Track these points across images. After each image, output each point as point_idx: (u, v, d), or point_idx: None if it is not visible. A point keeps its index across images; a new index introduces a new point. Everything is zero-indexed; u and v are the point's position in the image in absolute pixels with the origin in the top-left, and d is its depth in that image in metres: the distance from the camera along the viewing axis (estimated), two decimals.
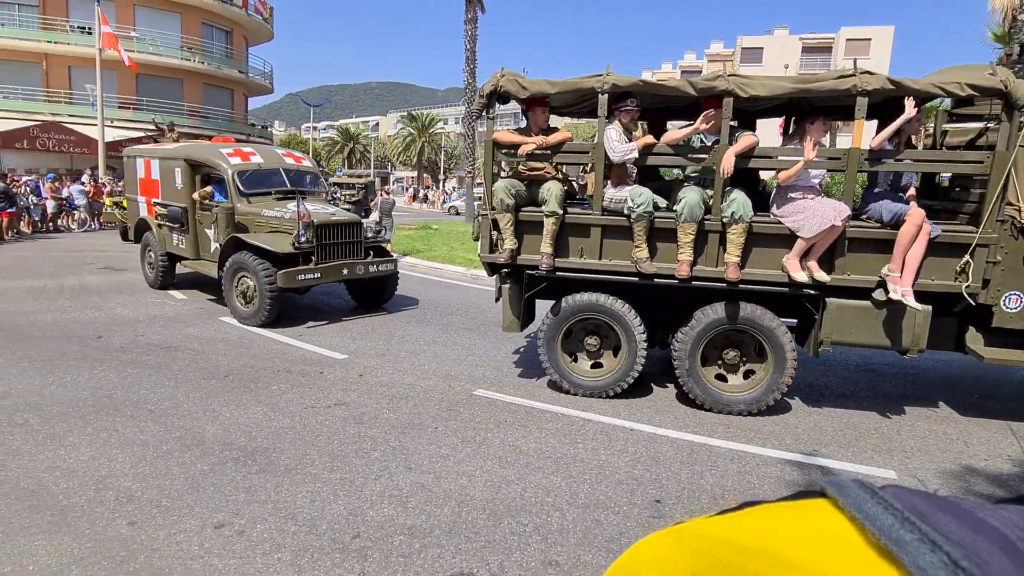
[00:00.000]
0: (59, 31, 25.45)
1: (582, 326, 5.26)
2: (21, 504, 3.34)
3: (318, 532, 3.16)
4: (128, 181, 10.13)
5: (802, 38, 48.86)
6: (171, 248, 8.95)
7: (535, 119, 5.20)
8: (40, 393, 4.96)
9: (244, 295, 7.37)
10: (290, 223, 7.32)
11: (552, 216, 4.88)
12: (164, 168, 8.85)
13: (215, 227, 7.82)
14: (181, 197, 8.49)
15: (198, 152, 8.53)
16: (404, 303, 8.92)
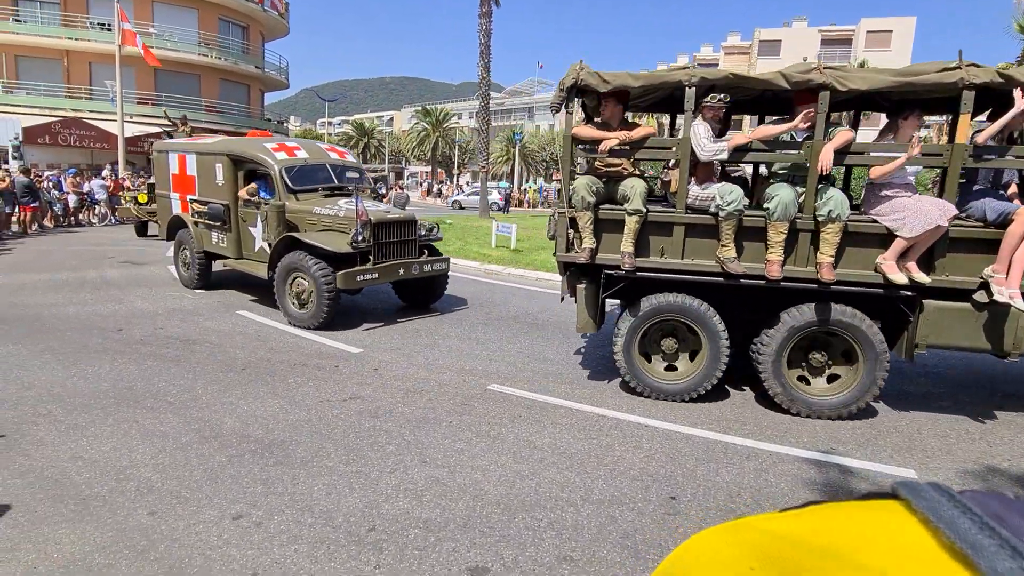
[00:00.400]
0: (80, 28, 25.83)
1: (657, 327, 5.10)
2: (45, 493, 3.41)
3: (334, 524, 3.18)
4: (159, 177, 9.68)
5: (821, 30, 48.04)
6: (209, 247, 8.62)
7: (609, 113, 5.01)
8: (63, 384, 5.05)
9: (299, 297, 6.99)
10: (345, 221, 7.03)
11: (636, 214, 4.73)
12: (203, 164, 8.44)
13: (265, 225, 7.46)
14: (222, 194, 8.12)
15: (242, 147, 8.11)
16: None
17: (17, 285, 8.92)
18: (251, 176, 8.03)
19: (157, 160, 9.64)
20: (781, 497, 3.59)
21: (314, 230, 7.26)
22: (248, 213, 7.94)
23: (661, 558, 3.03)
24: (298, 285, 7.00)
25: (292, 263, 6.97)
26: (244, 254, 8.21)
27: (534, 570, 2.87)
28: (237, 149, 8.07)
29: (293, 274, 7.00)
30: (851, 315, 4.65)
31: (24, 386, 4.99)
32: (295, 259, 6.94)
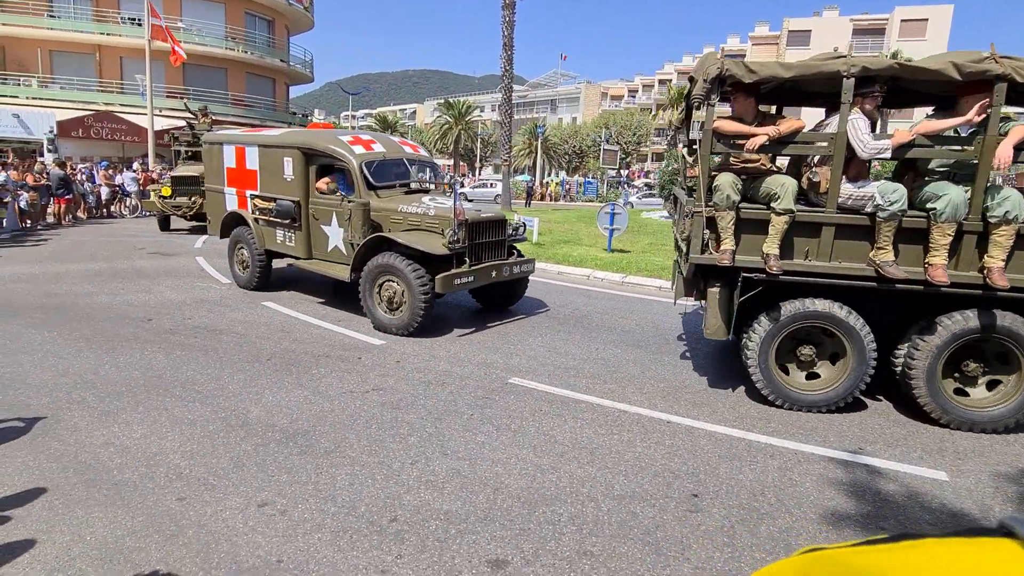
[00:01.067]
0: (111, 23, 26.38)
1: (792, 334, 4.79)
2: (79, 477, 3.51)
3: (356, 514, 3.23)
4: (209, 171, 9.06)
5: (853, 19, 46.77)
6: (273, 246, 8.07)
7: (741, 107, 4.75)
8: (96, 372, 5.20)
9: (390, 302, 6.52)
10: (435, 220, 6.60)
11: (786, 214, 4.42)
12: (267, 157, 7.86)
13: (347, 224, 6.90)
14: (291, 190, 7.55)
15: (316, 140, 7.51)
16: None
17: (53, 274, 9.20)
18: (324, 171, 7.51)
19: (208, 153, 9.08)
20: (806, 497, 3.54)
21: (399, 230, 6.78)
22: (322, 210, 7.39)
23: (683, 555, 3.01)
24: (389, 289, 6.51)
25: (383, 265, 6.49)
26: (314, 254, 7.68)
27: (554, 564, 2.87)
28: (310, 142, 7.49)
29: (383, 277, 6.53)
30: (1011, 320, 4.36)
31: (59, 372, 5.15)
32: (387, 261, 6.46)
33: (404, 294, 6.41)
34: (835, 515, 3.36)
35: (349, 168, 7.14)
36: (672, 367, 5.82)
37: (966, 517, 3.39)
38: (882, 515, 3.37)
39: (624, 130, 45.32)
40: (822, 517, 3.34)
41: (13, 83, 25.54)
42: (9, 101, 24.50)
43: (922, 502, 3.53)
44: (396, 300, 6.49)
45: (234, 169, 8.46)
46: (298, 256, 7.81)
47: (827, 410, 4.77)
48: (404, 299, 6.42)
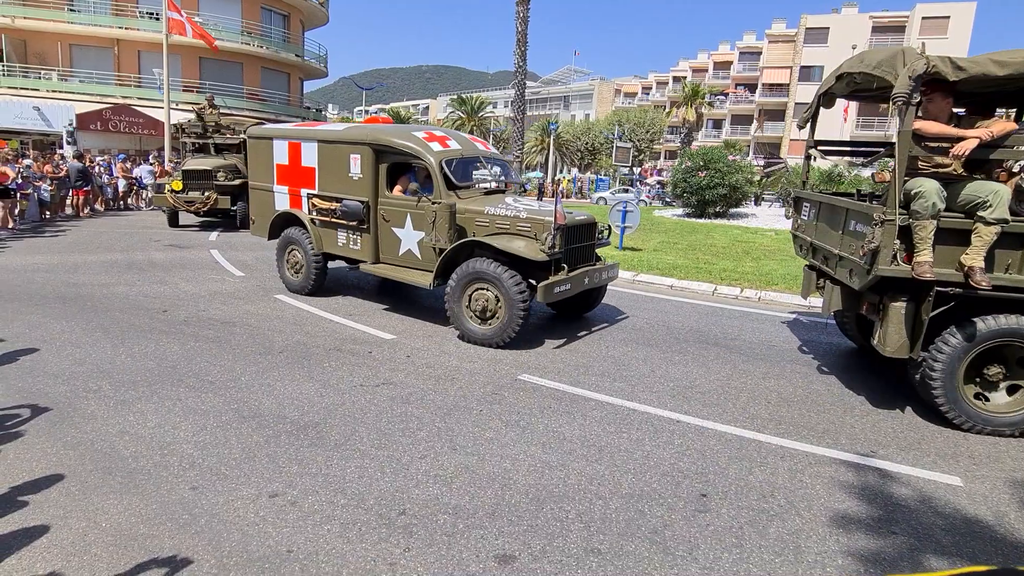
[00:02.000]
0: (129, 17, 26.67)
1: (978, 352, 4.46)
2: (95, 465, 3.57)
3: (366, 507, 3.25)
4: (254, 168, 8.44)
5: (872, 16, 46.13)
6: (333, 249, 7.57)
7: (937, 108, 4.41)
8: (112, 361, 5.28)
9: (482, 312, 6.05)
10: (527, 223, 6.12)
11: (997, 224, 4.08)
12: (329, 154, 7.32)
13: (431, 227, 6.30)
14: (358, 189, 7.04)
15: (389, 136, 6.93)
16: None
17: (72, 265, 9.34)
18: (396, 170, 7.01)
19: (254, 147, 8.41)
20: (816, 499, 3.51)
21: (485, 233, 6.31)
22: (394, 212, 6.89)
23: (690, 555, 3.00)
24: (481, 298, 6.05)
25: (476, 272, 6.02)
26: (383, 257, 7.20)
27: (561, 561, 2.88)
28: (383, 138, 6.90)
29: (475, 285, 6.08)
30: None
31: (76, 362, 5.23)
32: (481, 268, 5.99)
33: (499, 303, 5.95)
34: (846, 518, 3.33)
35: (427, 167, 6.61)
36: (682, 366, 5.79)
37: (980, 524, 3.34)
38: (894, 519, 3.34)
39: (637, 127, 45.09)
40: (832, 520, 3.31)
41: (34, 76, 25.92)
42: (30, 94, 24.89)
43: (935, 507, 3.49)
44: (490, 310, 6.02)
45: (286, 166, 7.87)
46: (362, 260, 7.30)
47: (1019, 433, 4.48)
48: (498, 308, 5.96)
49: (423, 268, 6.76)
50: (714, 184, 18.44)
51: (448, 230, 6.24)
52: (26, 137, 23.16)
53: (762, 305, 8.46)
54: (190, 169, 14.26)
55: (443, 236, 6.26)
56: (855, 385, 5.44)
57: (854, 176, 19.53)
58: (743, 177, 19.30)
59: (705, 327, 7.15)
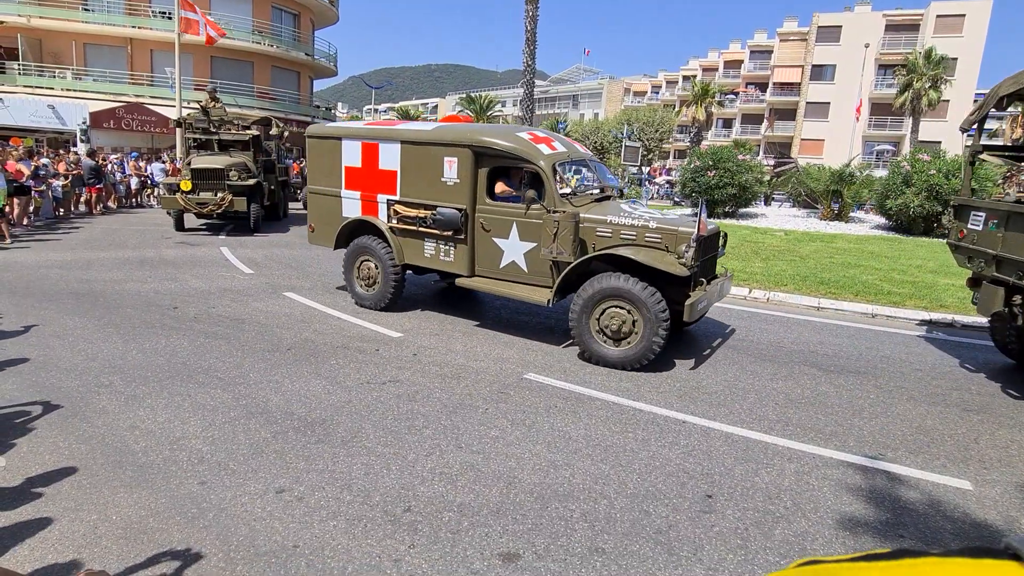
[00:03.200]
0: (143, 16, 26.93)
1: None
2: (106, 459, 3.62)
3: (371, 503, 3.27)
4: (315, 170, 7.61)
5: (886, 14, 45.62)
6: (418, 260, 6.91)
7: None
8: (123, 357, 5.34)
9: (617, 332, 5.49)
10: (657, 234, 5.61)
11: None
12: (417, 156, 6.62)
13: (554, 239, 5.67)
14: (455, 195, 6.39)
15: (495, 137, 6.26)
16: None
17: (85, 262, 9.46)
18: (496, 174, 6.39)
19: (315, 149, 7.56)
20: (823, 502, 3.49)
21: (607, 245, 5.77)
22: (497, 220, 6.26)
23: (695, 555, 2.99)
24: (615, 317, 5.47)
25: (610, 289, 5.46)
26: (479, 270, 6.54)
27: (565, 560, 2.88)
28: (487, 139, 6.24)
29: (608, 302, 5.50)
30: None
31: (88, 357, 5.30)
32: (617, 285, 5.43)
33: (636, 323, 5.43)
34: (852, 521, 3.31)
35: (538, 171, 5.99)
36: (689, 366, 5.77)
37: (990, 528, 3.31)
38: (901, 523, 3.32)
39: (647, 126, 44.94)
40: (839, 523, 3.29)
41: (49, 75, 26.24)
42: (45, 92, 25.19)
43: (944, 511, 3.46)
44: (625, 330, 5.48)
45: (358, 169, 7.12)
46: (455, 273, 6.70)
47: None
48: (635, 329, 5.45)
49: (531, 282, 6.19)
50: (723, 184, 18.32)
51: (573, 242, 5.67)
52: (40, 135, 23.42)
53: (771, 306, 8.41)
54: (200, 168, 12.98)
55: (567, 249, 5.65)
56: (864, 387, 5.40)
57: (865, 177, 19.34)
58: (753, 177, 19.17)
59: (712, 327, 7.12)
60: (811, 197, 21.04)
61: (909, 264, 11.12)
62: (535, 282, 6.20)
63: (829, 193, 19.16)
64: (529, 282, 6.25)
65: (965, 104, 43.14)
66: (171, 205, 13.04)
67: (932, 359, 6.27)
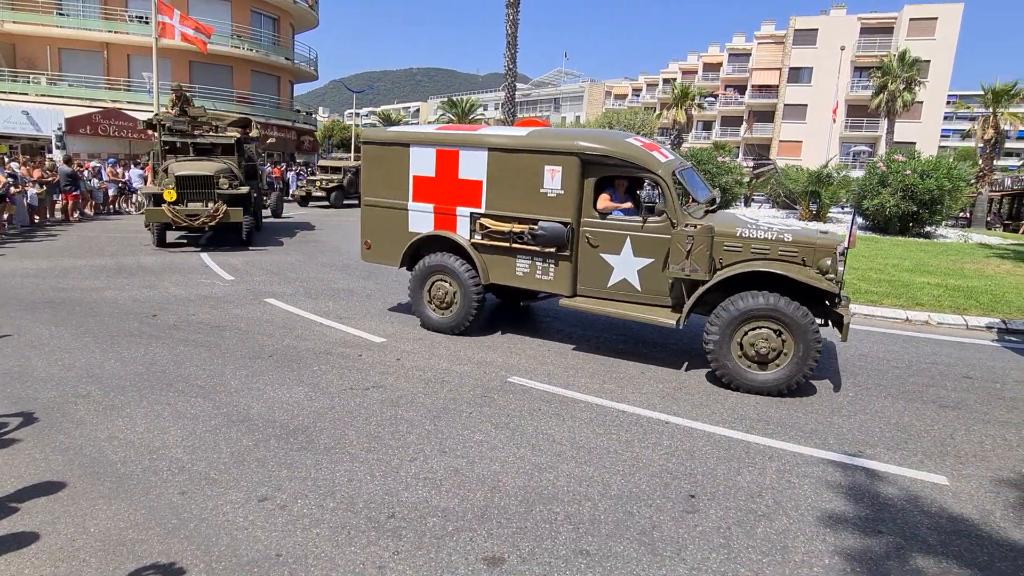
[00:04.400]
0: (119, 21, 26.53)
1: None
2: (84, 470, 3.56)
3: (355, 510, 3.25)
4: (373, 179, 6.85)
5: (861, 18, 46.56)
6: (508, 279, 6.31)
7: None
8: (101, 367, 5.25)
9: (764, 355, 5.09)
10: (792, 247, 5.24)
11: None
12: (508, 164, 6.03)
13: (688, 255, 5.24)
14: (557, 208, 5.85)
15: (607, 144, 5.79)
16: None
17: (61, 270, 9.28)
18: (602, 184, 5.90)
19: (374, 156, 6.83)
20: (804, 499, 3.54)
21: (736, 259, 5.38)
22: (607, 235, 5.77)
23: (678, 555, 3.02)
24: (763, 340, 5.08)
25: (760, 309, 5.05)
26: (583, 289, 6.00)
27: (550, 563, 2.89)
28: (598, 146, 5.74)
29: (754, 324, 5.11)
30: None
31: (65, 367, 5.20)
32: (765, 304, 5.02)
33: (786, 344, 5.07)
34: (833, 518, 3.37)
35: (658, 181, 5.56)
36: (671, 368, 5.82)
37: (966, 522, 3.39)
38: (880, 519, 3.38)
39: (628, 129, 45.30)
40: (820, 520, 3.34)
41: (23, 80, 25.73)
42: (19, 98, 24.68)
43: (921, 506, 3.53)
44: (773, 352, 5.10)
45: (431, 179, 6.48)
46: (556, 293, 6.18)
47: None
48: (785, 351, 5.09)
49: (644, 302, 5.76)
50: None
51: (709, 258, 5.23)
52: (15, 141, 22.96)
53: None
54: (186, 175, 11.59)
55: (702, 265, 5.22)
56: (843, 385, 5.49)
57: (842, 178, 19.69)
58: (733, 179, 19.42)
59: (693, 328, 7.19)
60: (790, 198, 21.37)
61: (886, 263, 11.34)
62: (650, 301, 5.74)
63: (807, 194, 19.48)
64: (642, 301, 5.77)
65: (938, 105, 44.14)
66: (157, 218, 11.49)
67: (909, 357, 6.40)
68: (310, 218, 18.43)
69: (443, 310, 6.62)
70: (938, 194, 15.68)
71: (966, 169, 17.16)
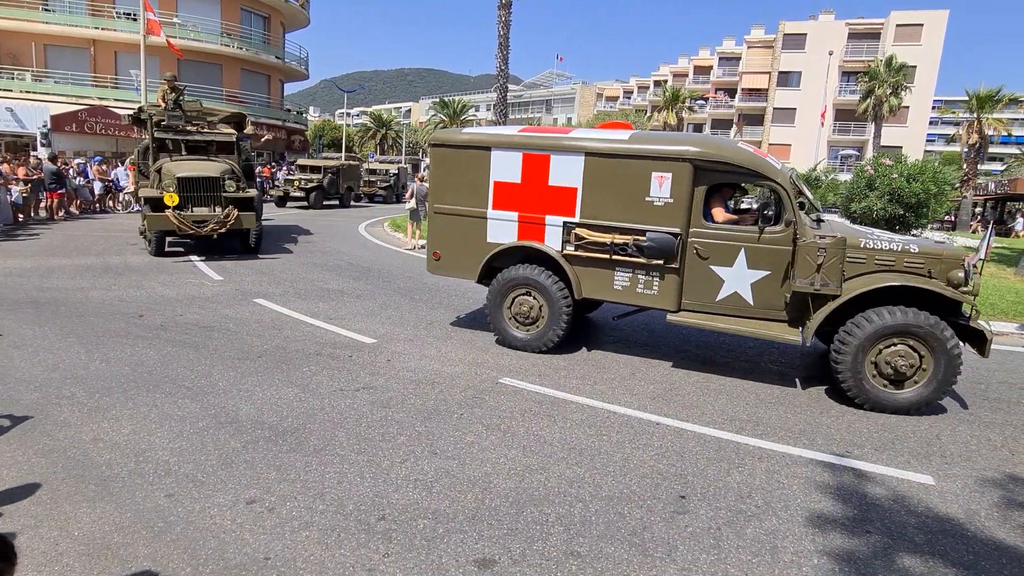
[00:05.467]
0: (106, 17, 26.23)
1: None
2: (68, 473, 3.50)
3: (345, 512, 3.23)
4: (444, 184, 6.43)
5: (848, 23, 47.06)
6: (606, 294, 5.94)
7: None
8: (86, 368, 5.17)
9: (902, 376, 4.88)
10: (919, 259, 5.03)
11: None
12: (611, 170, 5.69)
13: (819, 269, 4.97)
14: (665, 217, 5.53)
15: (724, 150, 5.53)
16: (435, 290, 8.99)
17: (46, 269, 9.14)
18: (712, 192, 5.61)
19: (445, 160, 6.43)
20: (793, 500, 3.56)
21: (857, 271, 5.15)
22: (719, 246, 5.47)
23: (669, 556, 3.02)
24: (903, 357, 4.86)
25: (901, 326, 4.80)
26: (688, 303, 5.68)
27: (541, 564, 2.88)
28: (714, 152, 5.49)
29: (892, 340, 4.88)
30: None
31: (50, 368, 5.12)
32: (906, 320, 4.78)
33: (924, 362, 4.86)
34: (821, 518, 3.39)
35: (778, 189, 5.29)
36: (662, 369, 5.84)
37: (952, 522, 3.42)
38: (868, 519, 3.40)
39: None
40: (808, 520, 3.37)
41: (7, 77, 25.35)
42: (3, 95, 24.33)
43: (908, 506, 3.56)
44: (911, 369, 4.88)
45: (515, 185, 6.08)
46: (660, 308, 5.81)
47: None
48: (923, 367, 4.87)
49: (758, 316, 5.49)
50: None
51: (840, 271, 4.98)
52: None
53: None
54: (189, 177, 10.47)
55: (834, 279, 4.96)
56: (832, 387, 5.53)
57: (830, 181, 19.88)
58: None
59: (684, 331, 7.22)
60: None
61: None
62: (762, 316, 5.48)
63: None
64: (754, 316, 5.50)
65: (924, 110, 44.70)
66: (160, 225, 10.26)
67: None
68: (294, 219, 18.31)
69: (526, 327, 6.18)
70: (924, 198, 15.85)
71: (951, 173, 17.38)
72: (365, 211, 23.01)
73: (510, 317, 6.22)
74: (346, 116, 56.71)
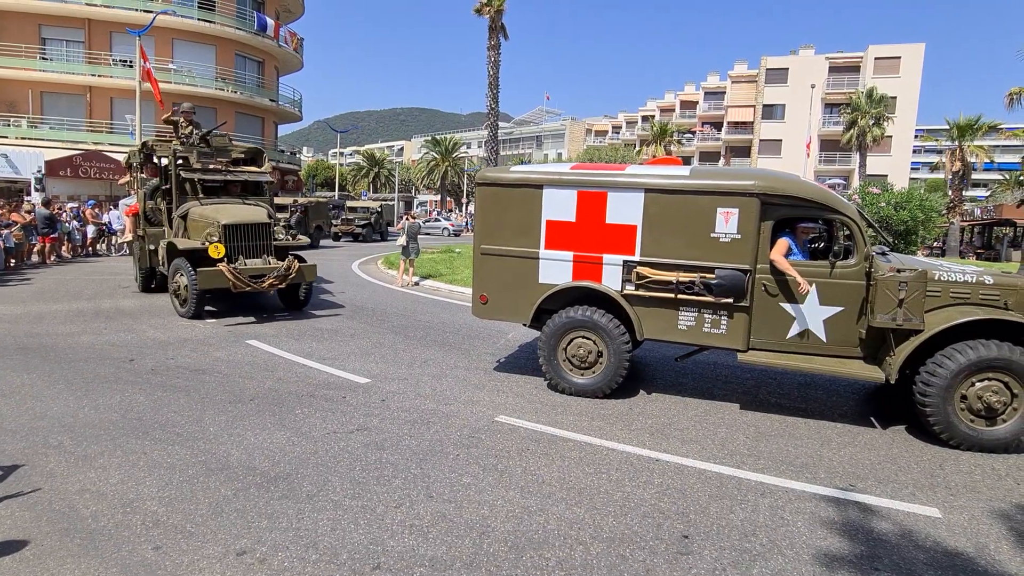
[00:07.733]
0: (103, 64, 26.75)
1: None
2: (52, 526, 3.39)
3: (339, 562, 3.13)
4: (490, 224, 6.19)
5: (828, 57, 48.59)
6: (670, 335, 5.74)
7: None
8: (74, 415, 5.07)
9: (995, 412, 4.77)
10: (995, 291, 4.98)
11: None
12: (674, 207, 5.54)
13: (900, 305, 4.88)
14: (732, 254, 5.39)
15: (792, 185, 5.42)
16: (429, 328, 8.95)
17: (36, 314, 9.05)
18: (778, 228, 5.45)
19: (494, 199, 6.17)
20: (799, 537, 3.48)
21: (933, 305, 5.05)
22: (787, 283, 5.34)
23: None
24: (986, 393, 4.74)
25: (990, 360, 4.70)
26: (756, 342, 5.53)
27: None
28: (782, 187, 5.35)
29: (985, 376, 4.76)
30: None
31: (36, 416, 5.01)
32: (1000, 355, 4.69)
33: (1016, 400, 4.78)
34: (828, 556, 3.31)
35: (848, 223, 5.24)
36: (659, 403, 5.79)
37: (961, 556, 3.35)
38: (876, 555, 3.33)
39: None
40: (815, 558, 3.28)
41: (3, 123, 25.65)
42: None
43: (916, 541, 3.49)
44: (1003, 405, 4.79)
45: (570, 224, 5.89)
46: (728, 348, 5.62)
47: None
48: (1015, 405, 4.79)
49: (832, 354, 5.38)
50: None
51: (922, 306, 4.89)
52: None
53: None
54: (236, 223, 9.01)
55: (916, 314, 4.86)
56: (830, 416, 5.49)
57: None
58: None
59: (680, 364, 7.18)
60: None
61: None
62: (836, 352, 5.37)
63: None
64: (827, 353, 5.39)
65: (907, 139, 45.81)
66: (214, 283, 8.63)
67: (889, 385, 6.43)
68: None
69: (583, 370, 5.91)
70: (912, 225, 16.12)
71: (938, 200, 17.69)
72: (341, 250, 23.01)
73: (565, 360, 5.96)
74: (339, 156, 57.45)
